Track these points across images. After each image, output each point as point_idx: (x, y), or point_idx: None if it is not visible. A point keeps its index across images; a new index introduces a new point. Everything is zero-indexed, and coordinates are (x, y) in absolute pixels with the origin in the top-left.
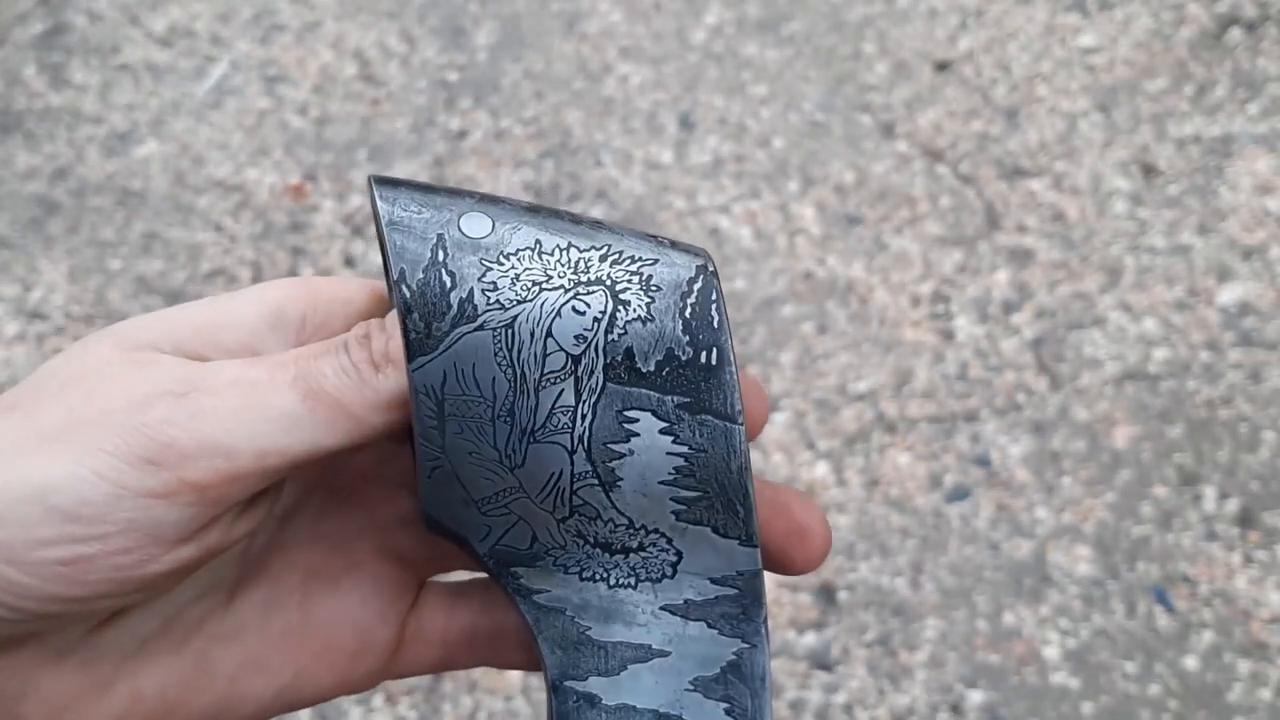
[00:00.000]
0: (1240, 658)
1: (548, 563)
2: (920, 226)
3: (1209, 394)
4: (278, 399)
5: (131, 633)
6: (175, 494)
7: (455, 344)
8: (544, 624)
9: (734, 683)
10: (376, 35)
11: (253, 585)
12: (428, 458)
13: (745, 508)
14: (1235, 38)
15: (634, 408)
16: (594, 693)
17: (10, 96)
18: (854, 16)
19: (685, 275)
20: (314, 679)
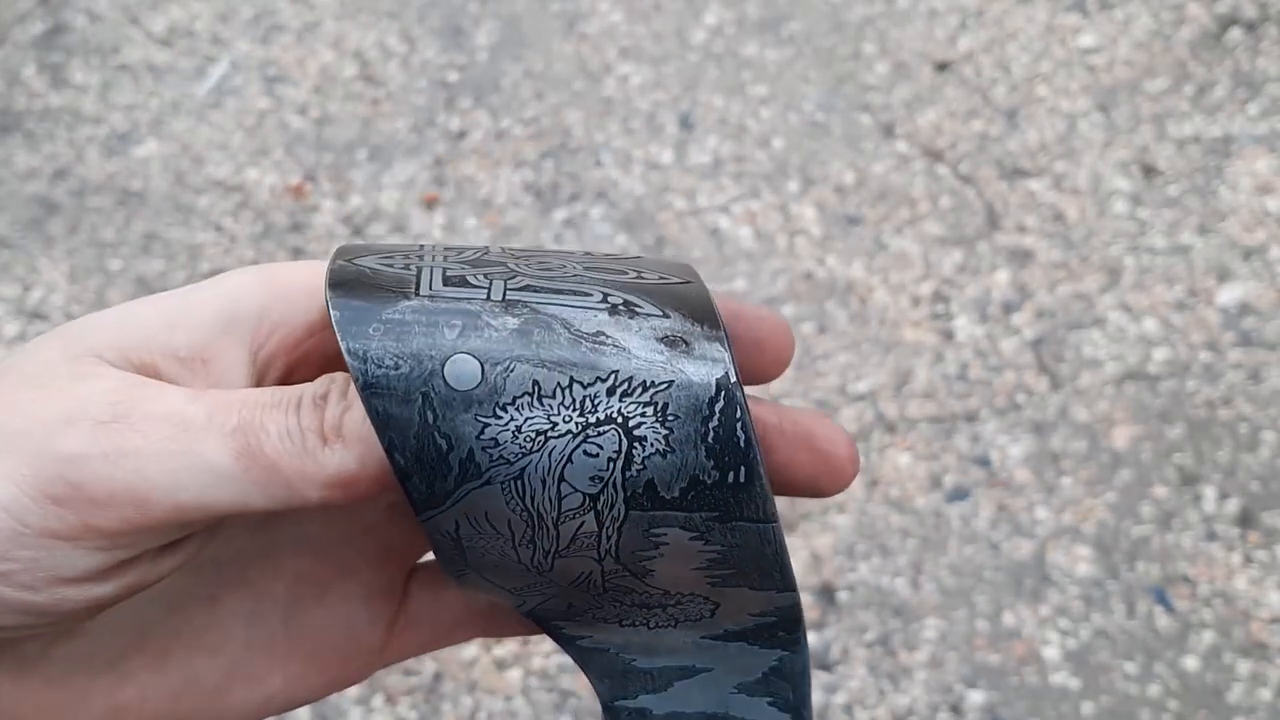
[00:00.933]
0: (1240, 658)
1: (588, 616)
2: (920, 226)
3: (1209, 394)
4: (209, 449)
5: (99, 650)
6: (79, 539)
7: (463, 499)
8: (590, 661)
9: (776, 681)
10: (376, 35)
11: (236, 596)
12: (454, 573)
13: (781, 572)
14: (1235, 38)
15: (661, 526)
16: (645, 707)
17: (10, 96)
18: (854, 16)
19: (705, 396)
20: (303, 683)
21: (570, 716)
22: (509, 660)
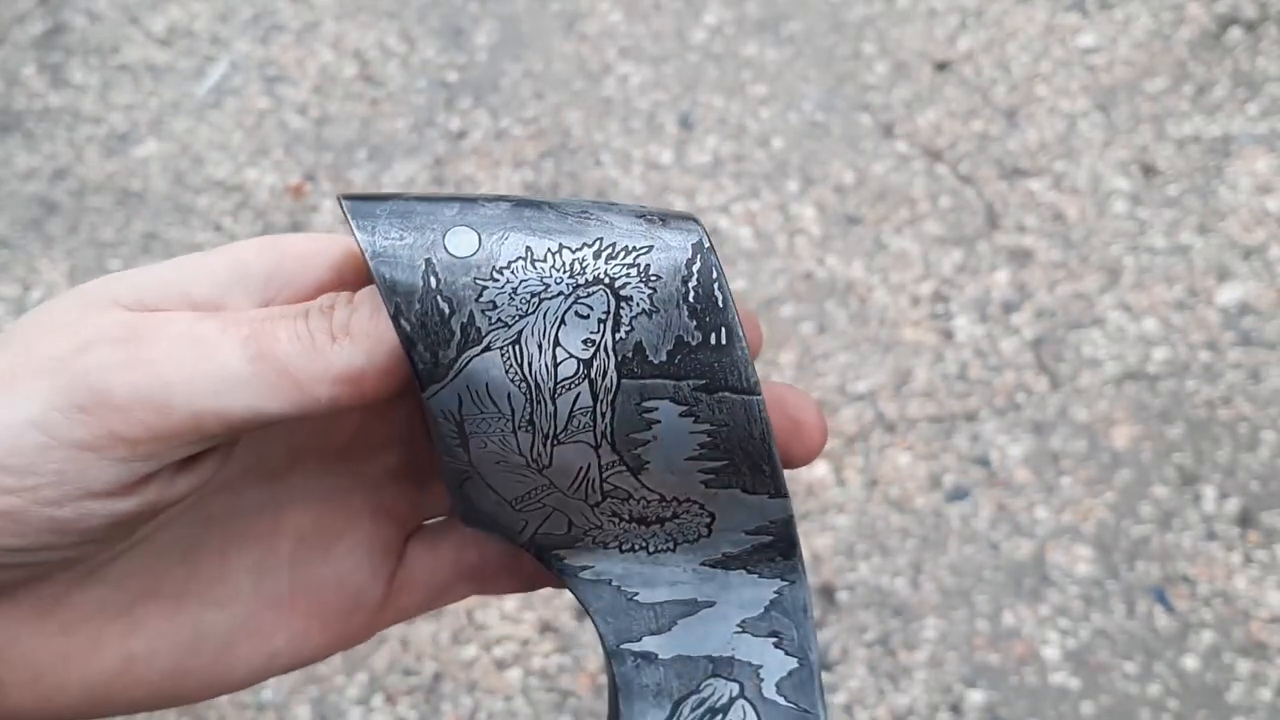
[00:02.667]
0: (1240, 658)
1: (587, 542)
2: (920, 226)
3: (1209, 394)
4: (222, 356)
5: (114, 595)
6: (105, 447)
7: (464, 368)
8: (592, 598)
9: (778, 617)
10: (376, 35)
11: (243, 548)
12: (455, 473)
13: (771, 466)
14: (1235, 38)
15: (651, 398)
16: (650, 650)
17: (10, 96)
18: (854, 16)
19: (682, 258)
20: (306, 640)
21: (570, 716)
22: (509, 660)
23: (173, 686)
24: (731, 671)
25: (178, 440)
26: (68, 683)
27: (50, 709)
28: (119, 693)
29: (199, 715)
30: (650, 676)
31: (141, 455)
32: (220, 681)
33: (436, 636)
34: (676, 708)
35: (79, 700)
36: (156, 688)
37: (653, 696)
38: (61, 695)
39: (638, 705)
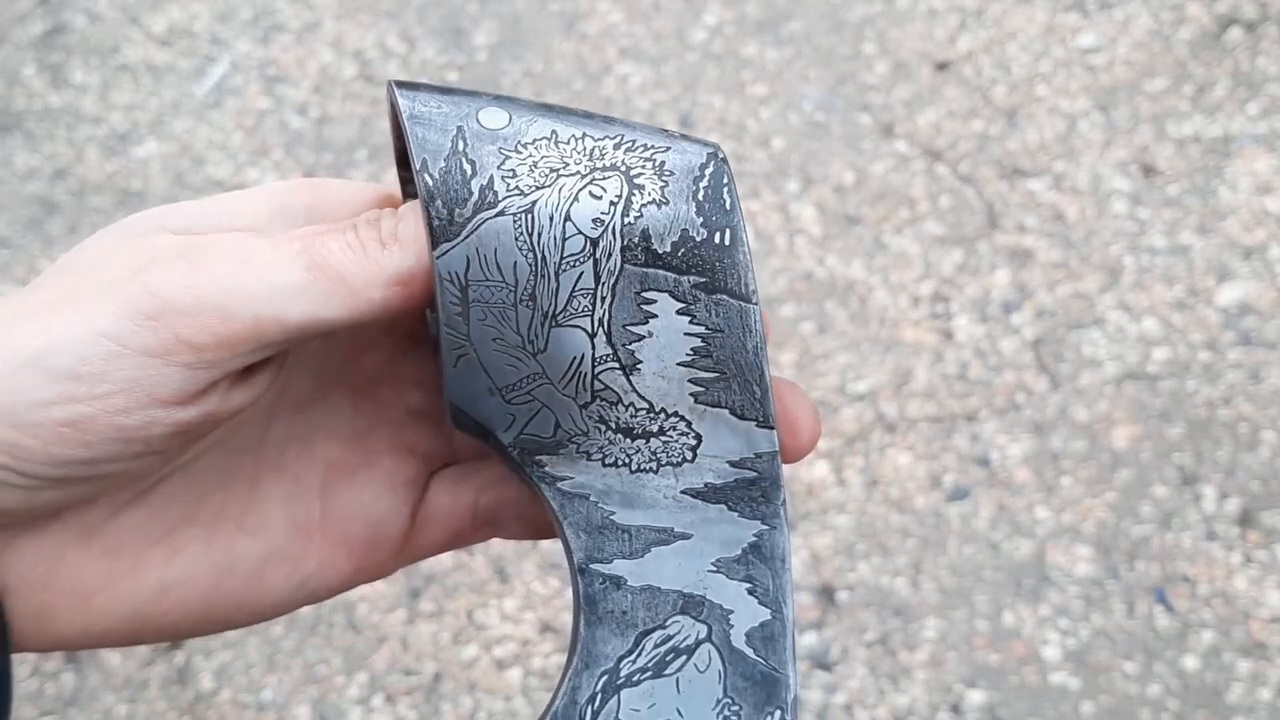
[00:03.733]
0: (1240, 658)
1: (571, 450)
2: (920, 226)
3: (1209, 394)
4: (279, 265)
5: (156, 520)
6: (172, 353)
7: (478, 229)
8: (568, 510)
9: (755, 563)
10: (376, 35)
11: (274, 479)
12: (453, 346)
13: (761, 388)
14: (1235, 38)
15: (651, 289)
16: (620, 574)
17: (10, 96)
18: (854, 16)
19: (697, 161)
20: (334, 567)
21: None
22: (509, 660)
23: (208, 609)
24: (701, 612)
25: (239, 346)
26: (110, 605)
27: (93, 632)
28: (158, 615)
29: (199, 716)
30: (616, 602)
31: (205, 362)
32: (253, 605)
33: (436, 636)
34: (640, 640)
35: (120, 622)
36: (193, 610)
37: (616, 624)
38: (103, 618)
39: (599, 631)
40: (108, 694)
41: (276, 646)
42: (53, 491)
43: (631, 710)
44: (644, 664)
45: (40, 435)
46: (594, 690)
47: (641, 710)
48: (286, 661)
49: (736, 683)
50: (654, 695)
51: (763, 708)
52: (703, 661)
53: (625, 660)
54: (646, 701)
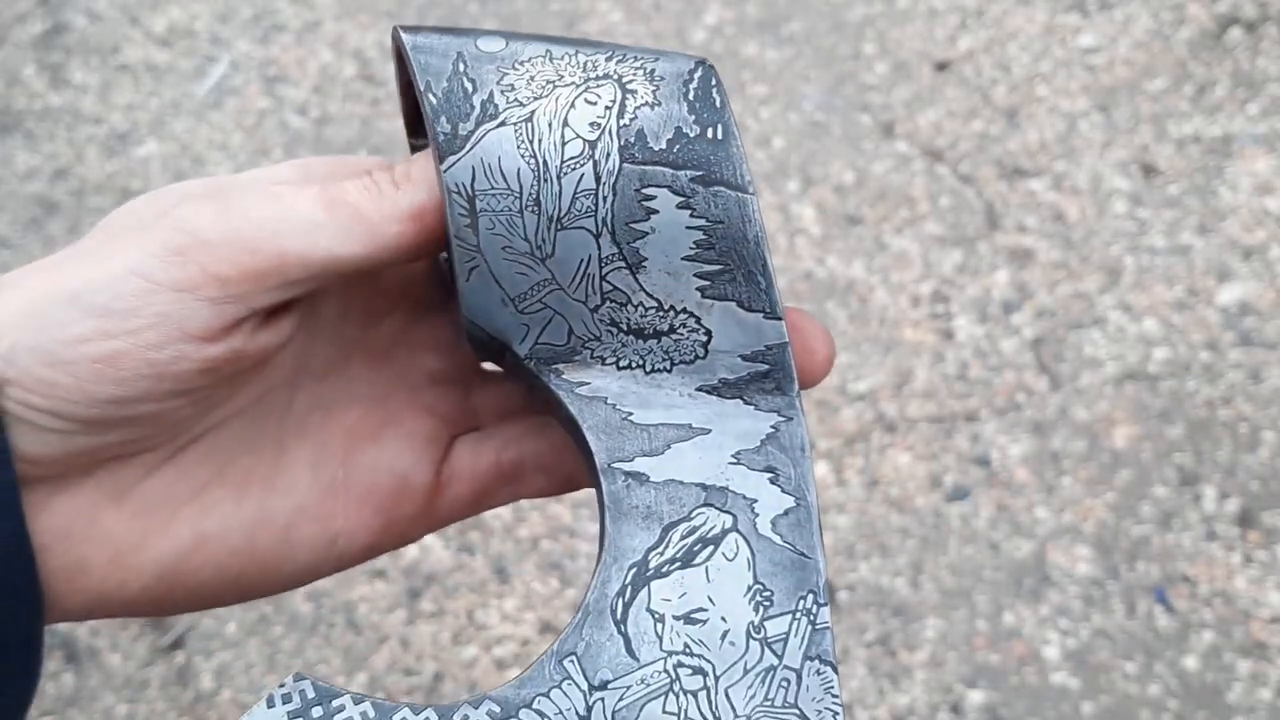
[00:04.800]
0: (1240, 658)
1: (585, 355)
2: (920, 226)
3: (1209, 394)
4: (301, 203)
5: (185, 480)
6: (200, 287)
7: (481, 140)
8: (586, 414)
9: (775, 453)
10: (376, 35)
11: (299, 443)
12: (464, 258)
13: (766, 278)
14: (1235, 38)
15: (651, 185)
16: (642, 471)
17: (10, 96)
18: (854, 16)
19: (685, 67)
20: (362, 524)
21: None
22: (509, 660)
23: (239, 569)
24: (725, 503)
25: (263, 281)
26: (144, 561)
27: (126, 591)
28: (189, 573)
29: (199, 716)
30: (640, 498)
31: (231, 296)
32: (283, 567)
33: (437, 636)
34: (666, 533)
35: (153, 580)
36: (224, 570)
37: (641, 519)
38: (137, 576)
39: (625, 526)
40: (108, 694)
41: (276, 646)
42: (87, 437)
43: (663, 600)
44: (672, 555)
45: (75, 372)
46: (624, 583)
47: (673, 600)
48: (287, 661)
49: (766, 568)
50: (684, 585)
51: (794, 592)
52: (730, 550)
53: (653, 553)
54: (677, 591)
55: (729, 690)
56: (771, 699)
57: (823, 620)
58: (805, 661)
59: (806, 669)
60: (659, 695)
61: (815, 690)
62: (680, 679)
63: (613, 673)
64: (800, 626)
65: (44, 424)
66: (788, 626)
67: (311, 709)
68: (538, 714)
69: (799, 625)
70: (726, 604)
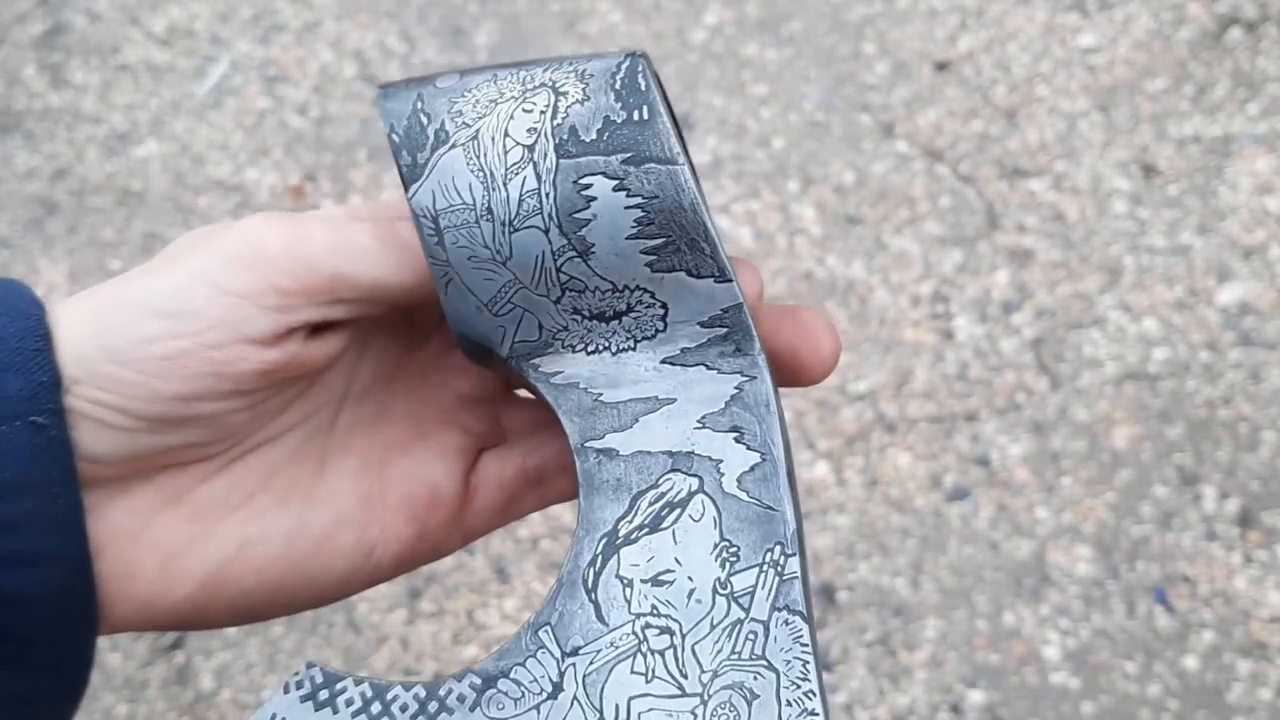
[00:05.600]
0: (1240, 658)
1: (557, 346)
2: (920, 226)
3: (1209, 394)
4: (357, 233)
5: (235, 489)
6: (261, 295)
7: (436, 165)
8: (561, 400)
9: (739, 413)
10: (376, 35)
11: (340, 458)
12: (440, 274)
13: (709, 244)
14: (1235, 38)
15: (586, 174)
16: (611, 447)
17: (10, 96)
18: (854, 16)
19: (614, 62)
20: (396, 534)
21: None
22: None
23: (279, 575)
24: (691, 466)
25: (316, 296)
26: (190, 567)
27: (171, 597)
28: (233, 580)
29: (199, 715)
30: (610, 471)
31: (288, 306)
32: (322, 576)
33: (437, 636)
34: (634, 502)
35: (197, 586)
36: (266, 576)
37: (612, 491)
38: (183, 581)
39: (597, 500)
40: (108, 694)
41: (277, 646)
42: (151, 436)
43: (631, 566)
44: (640, 522)
45: (143, 369)
46: (594, 553)
47: (641, 564)
48: (287, 661)
49: (732, 525)
50: (651, 549)
51: (760, 545)
52: (696, 511)
53: (622, 521)
54: (645, 555)
55: (695, 647)
56: (739, 652)
57: (791, 571)
58: (773, 613)
59: (774, 620)
60: (627, 656)
61: (784, 641)
62: (648, 639)
63: (583, 639)
64: (767, 579)
65: (112, 421)
66: (754, 580)
67: (319, 692)
68: (514, 683)
69: (766, 578)
70: (693, 563)
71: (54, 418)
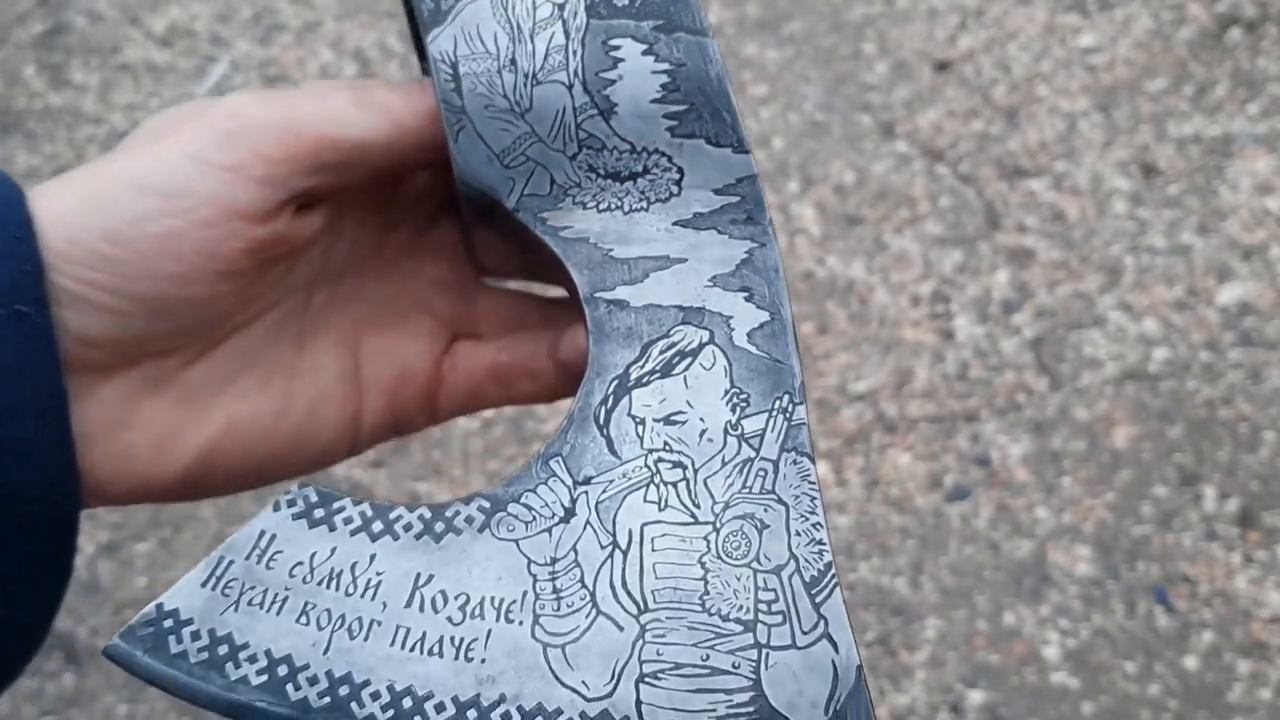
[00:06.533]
0: (1240, 658)
1: (568, 202)
2: (920, 226)
3: (1209, 394)
4: (336, 99)
5: (218, 371)
6: (248, 168)
7: (461, 12)
8: (570, 253)
9: (749, 275)
10: (376, 35)
11: (316, 337)
12: (452, 121)
13: (731, 114)
14: (1235, 38)
15: (616, 36)
16: (622, 298)
17: (10, 96)
18: (854, 16)
19: None
20: (373, 409)
21: None
22: None
23: (267, 449)
24: (702, 320)
25: (303, 162)
26: (183, 448)
27: (167, 476)
28: (224, 455)
29: (199, 715)
30: (621, 321)
31: (275, 178)
32: (306, 447)
33: None
34: (646, 349)
35: (191, 464)
36: (253, 450)
37: (623, 339)
38: (177, 460)
39: (608, 346)
40: (108, 694)
41: None
42: (144, 321)
43: (643, 406)
44: (652, 367)
45: (138, 248)
46: (606, 393)
47: (653, 405)
48: None
49: (742, 374)
50: (663, 392)
51: (770, 394)
52: (708, 360)
53: (634, 366)
54: (657, 398)
55: (708, 480)
56: (749, 486)
57: (798, 418)
58: (782, 453)
59: (784, 460)
60: (640, 487)
61: (792, 478)
62: (660, 472)
63: (596, 470)
64: (777, 423)
65: (106, 303)
66: (764, 424)
67: (314, 510)
68: (525, 507)
69: (775, 422)
70: (704, 406)
71: (37, 306)
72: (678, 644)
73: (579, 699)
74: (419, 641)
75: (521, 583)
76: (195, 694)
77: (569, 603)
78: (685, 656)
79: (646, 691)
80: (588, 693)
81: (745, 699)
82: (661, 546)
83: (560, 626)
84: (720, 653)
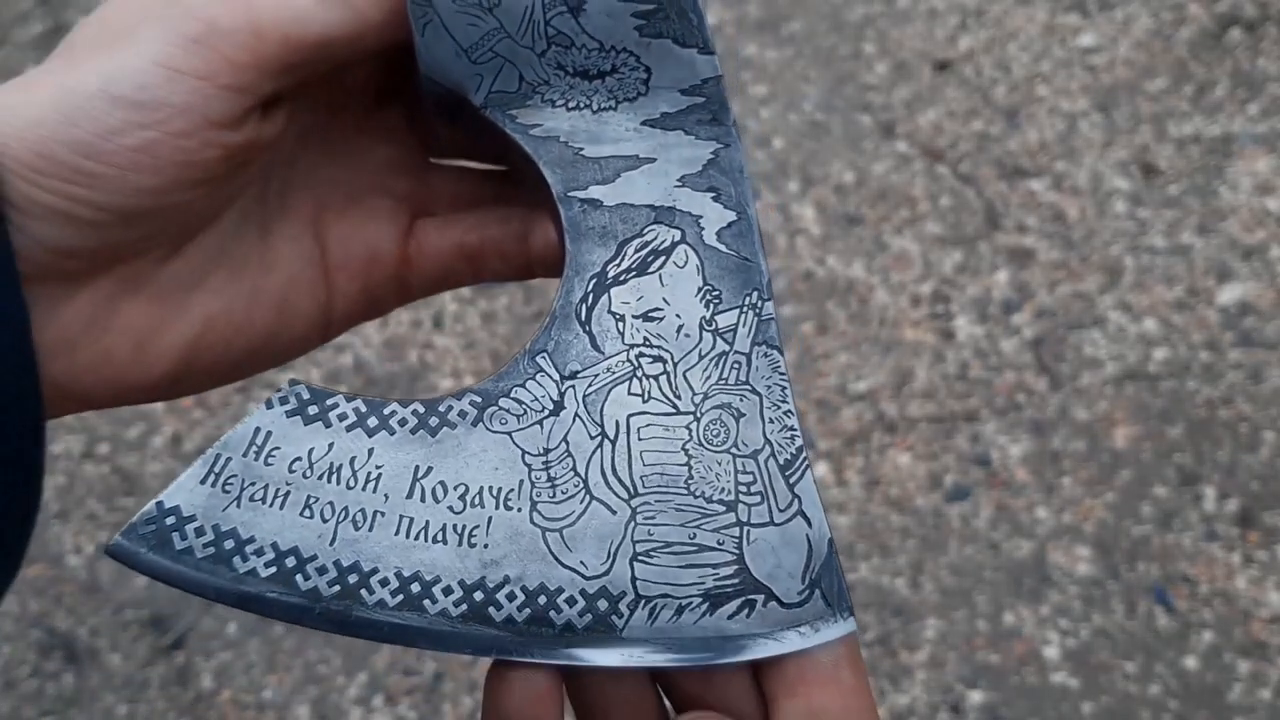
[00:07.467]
0: (1240, 658)
1: (536, 100)
2: (920, 226)
3: (1209, 394)
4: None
5: (190, 269)
6: (218, 74)
7: None
8: (541, 151)
9: (716, 175)
10: None
11: (279, 224)
12: (419, 14)
13: (697, 14)
14: (1235, 38)
15: None
16: (595, 197)
17: None
18: (854, 16)
19: None
20: (345, 293)
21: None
22: None
23: (244, 342)
24: (673, 220)
25: (269, 64)
26: (163, 348)
27: (149, 376)
28: (204, 352)
29: (199, 715)
30: (596, 220)
31: (244, 84)
32: (281, 335)
33: None
34: (621, 248)
35: (173, 363)
36: (231, 344)
37: (598, 237)
38: (158, 360)
39: (584, 245)
40: (108, 694)
41: (277, 646)
42: (121, 230)
43: (622, 303)
44: (628, 265)
45: (116, 162)
46: (585, 291)
47: (631, 302)
48: (287, 661)
49: (714, 272)
50: (640, 289)
51: (740, 290)
52: (681, 259)
53: (610, 264)
54: (635, 295)
55: (687, 373)
56: (725, 378)
57: (767, 313)
58: (754, 347)
59: (755, 353)
60: (624, 380)
61: (764, 370)
62: (642, 366)
63: (581, 364)
64: (748, 318)
65: (82, 215)
66: (736, 319)
67: (308, 407)
68: (515, 401)
69: (746, 317)
70: (680, 303)
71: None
72: (667, 524)
73: (579, 577)
74: (423, 530)
75: (518, 472)
76: (204, 587)
77: (564, 490)
78: (674, 536)
79: (640, 568)
80: (586, 571)
81: (730, 572)
82: (647, 436)
83: (557, 512)
84: (706, 531)
